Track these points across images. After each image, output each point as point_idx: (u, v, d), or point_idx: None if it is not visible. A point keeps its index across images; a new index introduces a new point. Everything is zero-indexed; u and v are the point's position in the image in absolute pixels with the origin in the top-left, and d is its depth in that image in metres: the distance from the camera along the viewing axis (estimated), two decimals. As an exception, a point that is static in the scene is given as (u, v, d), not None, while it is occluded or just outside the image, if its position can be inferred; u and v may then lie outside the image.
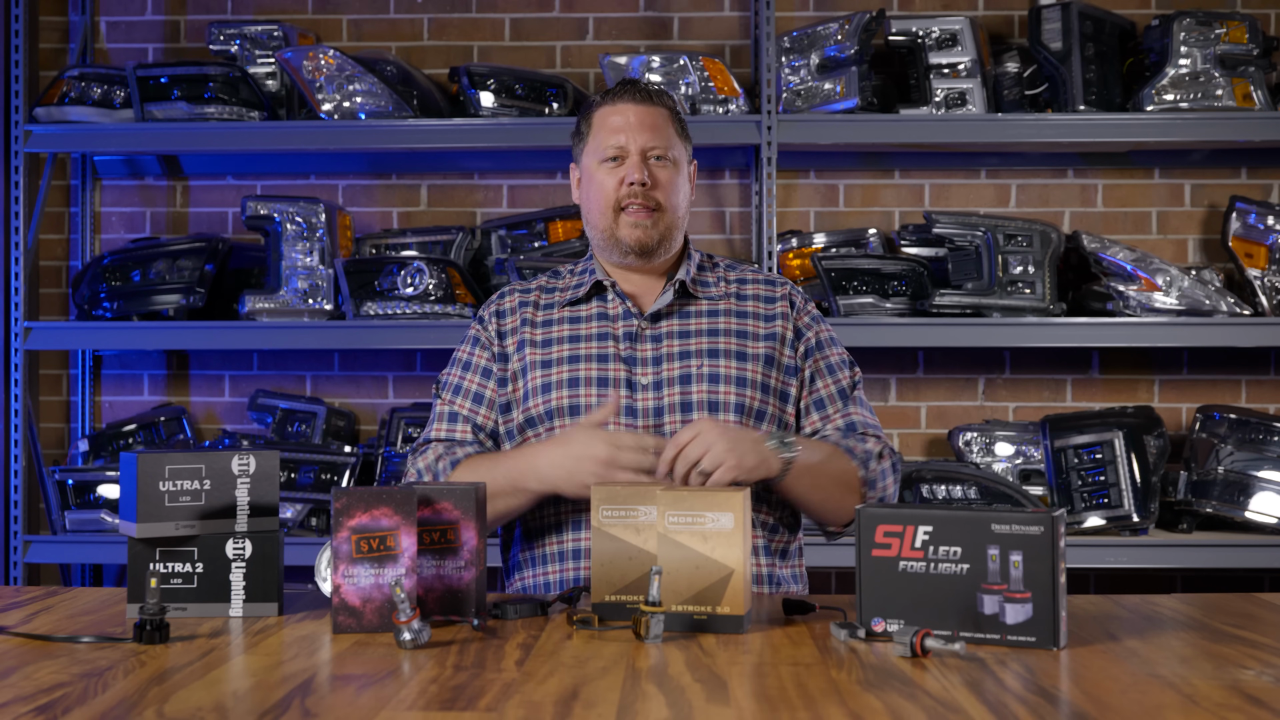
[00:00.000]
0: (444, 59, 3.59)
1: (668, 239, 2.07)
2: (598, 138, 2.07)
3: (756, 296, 2.13)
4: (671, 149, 2.07)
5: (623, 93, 2.08)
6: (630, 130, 2.04)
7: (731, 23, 3.57)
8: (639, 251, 2.05)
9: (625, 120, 2.05)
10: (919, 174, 3.55)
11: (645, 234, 2.04)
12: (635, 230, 2.04)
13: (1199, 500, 3.22)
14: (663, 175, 2.05)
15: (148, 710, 1.25)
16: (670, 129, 2.08)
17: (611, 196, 2.04)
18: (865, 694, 1.30)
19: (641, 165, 2.03)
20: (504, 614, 1.69)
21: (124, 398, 3.61)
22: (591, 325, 2.08)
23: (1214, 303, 3.23)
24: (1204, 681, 1.35)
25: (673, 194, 2.06)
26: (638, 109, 2.06)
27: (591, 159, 2.08)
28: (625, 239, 2.05)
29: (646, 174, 2.02)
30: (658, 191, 2.04)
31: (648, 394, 2.02)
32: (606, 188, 2.05)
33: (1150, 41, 3.35)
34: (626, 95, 2.07)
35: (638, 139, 2.04)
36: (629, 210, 2.03)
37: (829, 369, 2.10)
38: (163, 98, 3.32)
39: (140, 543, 1.69)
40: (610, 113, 2.07)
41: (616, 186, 2.04)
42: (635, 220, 2.03)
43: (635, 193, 2.03)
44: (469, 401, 2.09)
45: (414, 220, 3.58)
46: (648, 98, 2.08)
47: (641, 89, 2.08)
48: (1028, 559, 1.50)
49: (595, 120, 2.08)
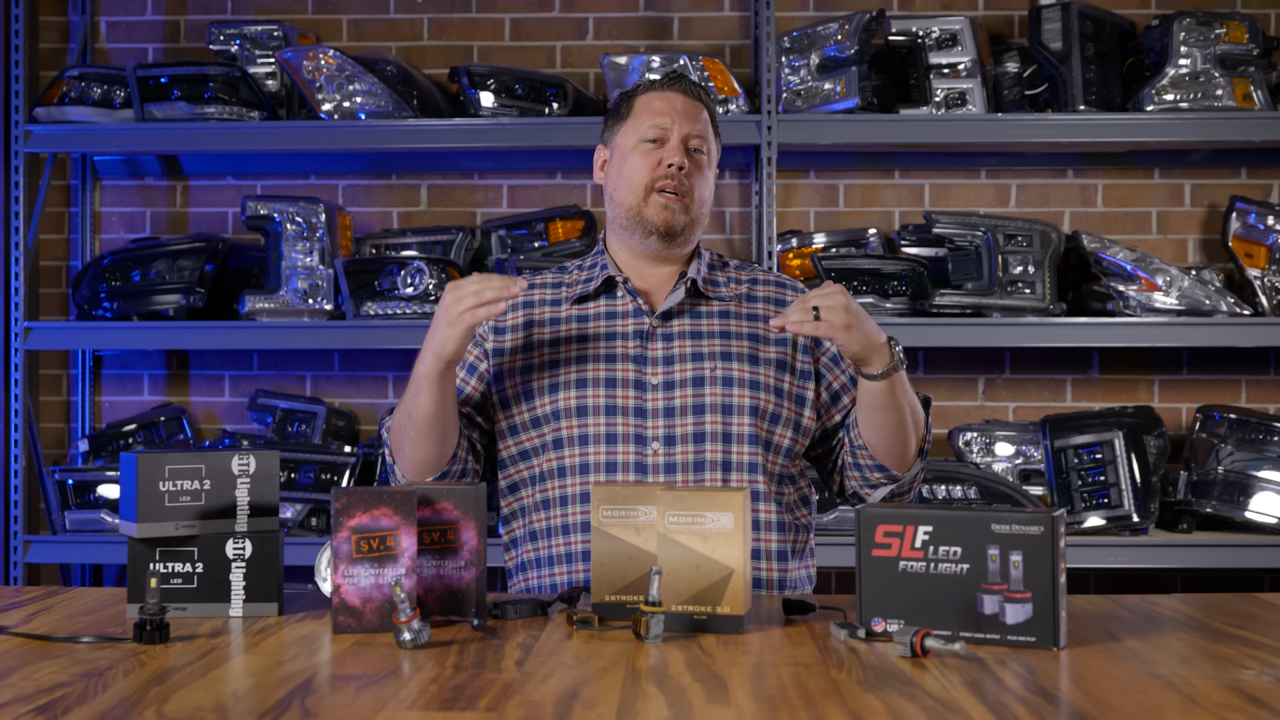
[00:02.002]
0: (444, 59, 3.59)
1: (691, 229, 2.08)
2: (640, 119, 2.09)
3: (767, 299, 2.12)
4: (708, 144, 2.11)
5: (672, 82, 2.11)
6: (676, 116, 2.07)
7: (731, 23, 3.57)
8: (664, 233, 2.05)
9: (671, 106, 2.08)
10: (919, 174, 3.55)
11: (673, 216, 2.04)
12: (665, 211, 2.04)
13: (1199, 500, 3.22)
14: (697, 168, 2.08)
15: (148, 710, 1.25)
16: (709, 127, 2.12)
17: (647, 176, 2.05)
18: (865, 694, 1.30)
19: (681, 150, 2.05)
20: (504, 614, 1.69)
21: (124, 398, 3.61)
22: (599, 324, 2.07)
23: (1214, 303, 3.23)
24: (1204, 681, 1.35)
25: (703, 185, 2.09)
26: (685, 100, 2.09)
27: (630, 138, 2.09)
28: (652, 219, 2.05)
29: (685, 158, 2.05)
30: (692, 178, 2.06)
31: (658, 394, 2.01)
32: (643, 167, 2.06)
33: (1150, 41, 3.35)
34: (676, 85, 2.11)
35: (682, 125, 2.06)
36: (661, 191, 2.04)
37: (834, 360, 2.10)
38: (163, 98, 3.32)
39: (140, 543, 1.69)
40: (656, 98, 2.10)
41: (653, 167, 2.05)
42: (666, 202, 2.04)
43: (672, 174, 2.04)
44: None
45: (414, 220, 3.58)
46: (695, 93, 2.11)
47: (690, 83, 2.12)
48: (1028, 559, 1.50)
49: (639, 104, 2.11)
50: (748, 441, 2.01)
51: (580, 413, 2.00)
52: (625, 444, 1.99)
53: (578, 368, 2.03)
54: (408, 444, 1.96)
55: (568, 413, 2.01)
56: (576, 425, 2.00)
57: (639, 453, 1.99)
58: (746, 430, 2.01)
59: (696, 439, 1.99)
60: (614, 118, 2.15)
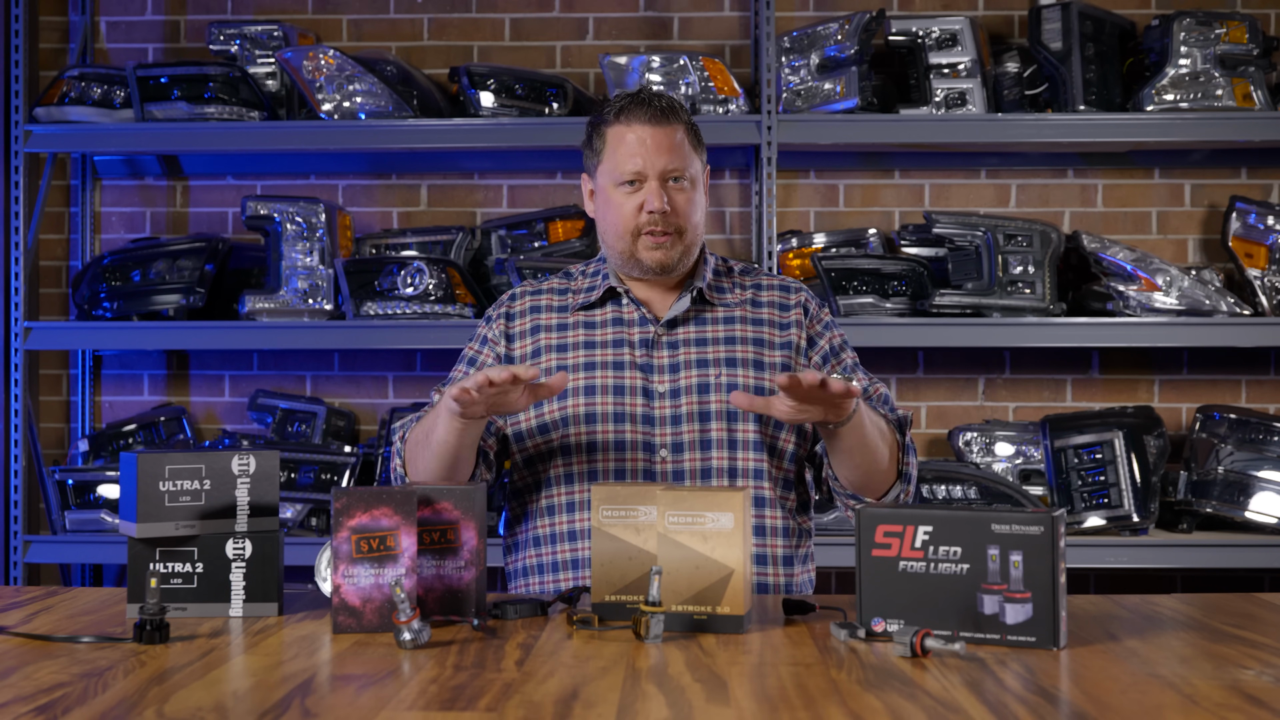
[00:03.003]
0: (444, 59, 3.58)
1: (687, 256, 2.04)
2: (613, 159, 2.01)
3: (771, 304, 2.10)
4: (689, 168, 2.02)
5: (636, 110, 2.00)
6: (647, 154, 1.98)
7: (731, 23, 3.57)
8: (659, 270, 2.03)
9: (641, 142, 1.99)
10: (919, 174, 3.55)
11: (666, 254, 2.01)
12: (655, 252, 2.00)
13: (1199, 500, 3.22)
14: (681, 199, 2.01)
15: (148, 710, 1.25)
16: (686, 145, 2.02)
17: (631, 222, 2.00)
18: (865, 694, 1.30)
19: (660, 192, 1.98)
20: (504, 614, 1.69)
21: (124, 398, 3.61)
22: (607, 331, 2.06)
23: (1214, 303, 3.23)
24: (1204, 681, 1.35)
25: (692, 214, 2.02)
26: (653, 130, 1.99)
27: (607, 180, 2.03)
28: (646, 260, 2.01)
29: (666, 200, 1.98)
30: (678, 217, 2.00)
31: (664, 402, 2.01)
32: (624, 212, 2.00)
33: (1150, 41, 3.35)
34: (641, 114, 2.00)
35: (655, 163, 1.98)
36: (649, 234, 2.00)
37: (844, 373, 2.09)
38: (163, 98, 3.32)
39: (140, 543, 1.69)
40: (624, 132, 2.00)
41: (635, 212, 1.99)
42: (656, 243, 2.00)
43: (655, 220, 1.99)
44: None
45: (414, 220, 3.58)
46: (662, 116, 2.00)
47: (655, 106, 2.00)
48: (1028, 559, 1.50)
49: (609, 138, 2.02)
50: (754, 448, 2.00)
51: (589, 419, 2.00)
52: (634, 451, 1.98)
53: (585, 375, 2.02)
54: (422, 461, 1.95)
55: (575, 419, 2.00)
56: (585, 432, 2.00)
57: (647, 460, 1.98)
58: (752, 437, 2.01)
59: (703, 446, 1.99)
60: (589, 149, 2.08)
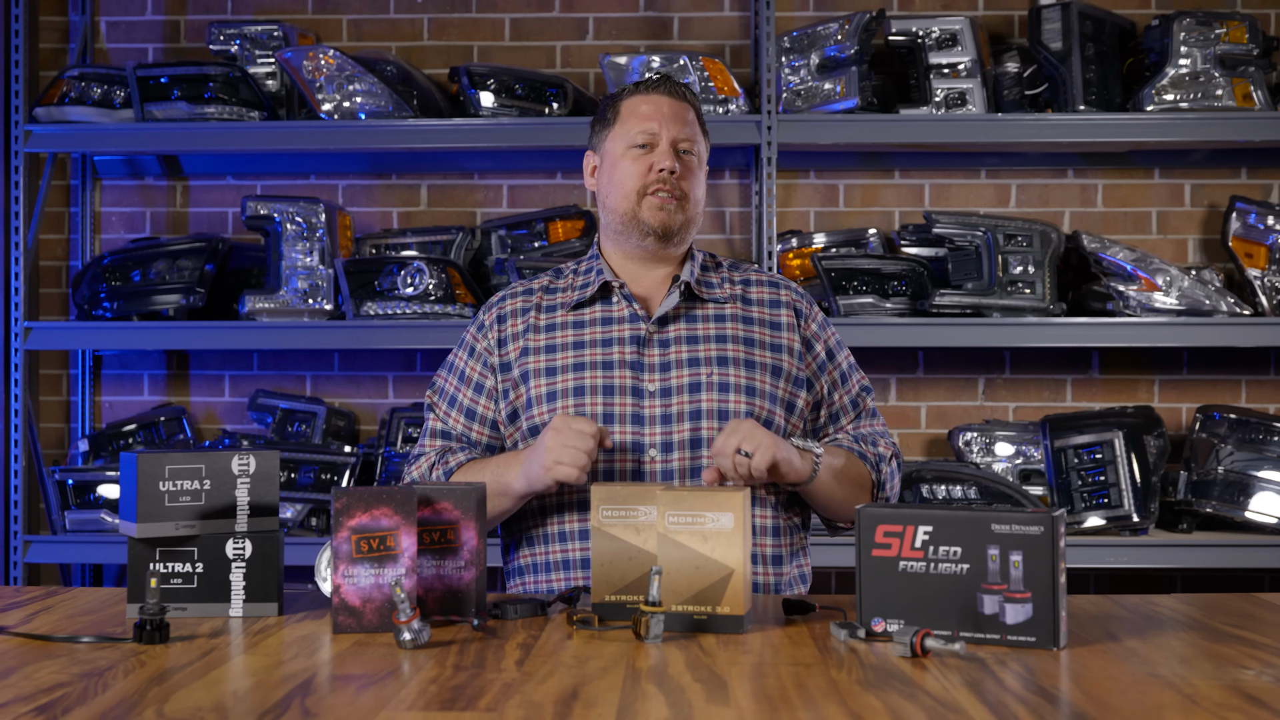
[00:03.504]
0: (444, 59, 3.59)
1: (686, 228, 2.08)
2: (627, 124, 2.09)
3: (761, 302, 2.12)
4: (697, 144, 2.10)
5: (656, 85, 2.11)
6: (663, 119, 2.07)
7: (731, 23, 3.57)
8: (661, 234, 2.05)
9: (658, 110, 2.08)
10: (919, 174, 3.55)
11: (669, 217, 2.05)
12: (660, 213, 2.04)
13: (1199, 500, 3.22)
14: (689, 167, 2.08)
15: (148, 710, 1.25)
16: (696, 126, 2.11)
17: (638, 182, 2.05)
18: (865, 694, 1.30)
19: (671, 153, 2.05)
20: (504, 614, 1.69)
21: (124, 398, 3.61)
22: (596, 330, 2.06)
23: (1214, 303, 3.23)
24: (1204, 681, 1.35)
25: (696, 186, 2.09)
26: (670, 101, 2.09)
27: (619, 144, 2.09)
28: (648, 221, 2.05)
29: (676, 162, 2.05)
30: (685, 181, 2.06)
31: (655, 401, 2.00)
32: (634, 173, 2.06)
33: (1150, 41, 3.35)
34: (660, 88, 2.10)
35: (670, 129, 2.06)
36: (655, 194, 2.04)
37: (842, 379, 2.12)
38: (163, 98, 3.32)
39: (140, 543, 1.69)
40: (642, 101, 2.09)
41: (644, 173, 2.05)
42: (661, 203, 2.04)
43: (664, 179, 2.04)
44: (463, 416, 2.08)
45: (414, 220, 3.58)
46: (680, 93, 2.11)
47: (674, 84, 2.12)
48: (1028, 559, 1.50)
49: (625, 108, 2.11)
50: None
51: None
52: (622, 452, 1.98)
53: (575, 375, 2.02)
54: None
55: None
56: None
57: (636, 460, 1.98)
58: None
59: (693, 445, 1.99)
60: (601, 123, 2.14)
